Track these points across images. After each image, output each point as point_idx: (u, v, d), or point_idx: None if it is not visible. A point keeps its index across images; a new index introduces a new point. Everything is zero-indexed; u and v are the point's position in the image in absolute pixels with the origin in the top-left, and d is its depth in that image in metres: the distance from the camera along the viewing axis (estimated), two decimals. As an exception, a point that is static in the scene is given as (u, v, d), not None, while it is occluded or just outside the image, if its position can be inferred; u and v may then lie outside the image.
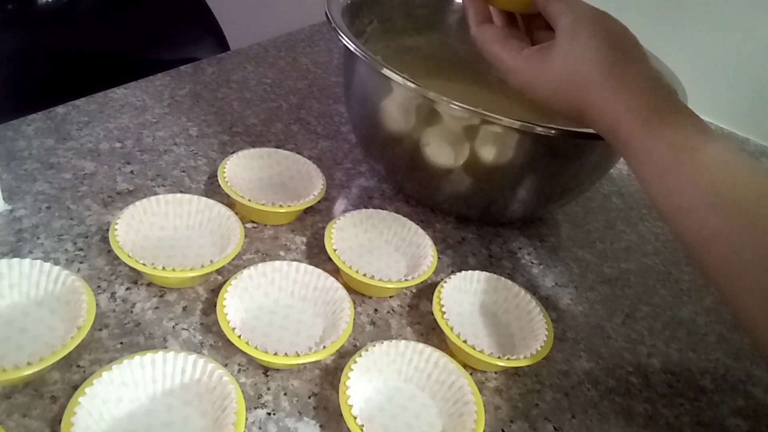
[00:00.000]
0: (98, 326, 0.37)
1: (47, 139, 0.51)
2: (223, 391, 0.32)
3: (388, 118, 0.47)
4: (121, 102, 0.58)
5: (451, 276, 0.43)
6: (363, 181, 0.55)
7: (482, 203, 0.49)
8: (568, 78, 0.37)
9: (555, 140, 0.43)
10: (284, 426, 0.34)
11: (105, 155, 0.50)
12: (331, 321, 0.39)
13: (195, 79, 0.64)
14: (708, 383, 0.44)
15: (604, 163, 0.49)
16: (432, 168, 0.47)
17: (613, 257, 0.54)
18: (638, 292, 0.51)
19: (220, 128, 0.57)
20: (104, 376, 0.31)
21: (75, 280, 0.36)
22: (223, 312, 0.36)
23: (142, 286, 0.40)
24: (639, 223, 0.59)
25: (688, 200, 0.32)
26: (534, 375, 0.41)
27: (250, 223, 0.47)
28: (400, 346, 0.37)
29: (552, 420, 0.38)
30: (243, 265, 0.41)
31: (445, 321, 0.39)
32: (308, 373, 0.37)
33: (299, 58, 0.74)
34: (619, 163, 0.68)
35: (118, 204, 0.46)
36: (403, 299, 0.44)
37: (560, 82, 0.37)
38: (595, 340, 0.45)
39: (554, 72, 0.37)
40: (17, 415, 0.31)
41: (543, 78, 0.38)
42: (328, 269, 0.41)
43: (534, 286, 0.49)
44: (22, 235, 0.41)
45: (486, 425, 0.36)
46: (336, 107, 0.66)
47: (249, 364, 0.37)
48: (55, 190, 0.46)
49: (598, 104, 0.36)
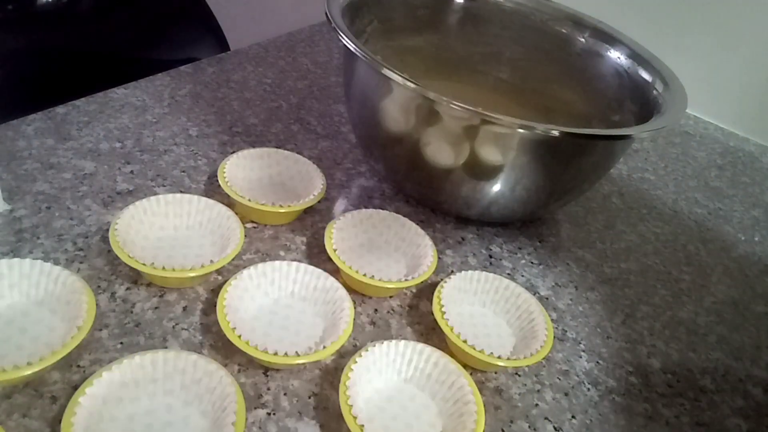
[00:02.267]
0: (98, 326, 0.37)
1: (47, 139, 0.51)
2: (223, 391, 0.32)
3: (388, 118, 0.47)
4: (121, 102, 0.58)
5: (451, 276, 0.43)
6: (363, 181, 0.55)
7: (482, 203, 0.49)
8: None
9: (555, 140, 0.43)
10: (284, 426, 0.34)
11: (105, 155, 0.50)
12: (331, 321, 0.39)
13: (195, 79, 0.64)
14: (708, 383, 0.44)
15: (604, 163, 0.49)
16: (432, 168, 0.47)
17: (613, 257, 0.54)
18: (638, 292, 0.51)
19: (220, 128, 0.57)
20: (104, 376, 0.31)
21: (75, 280, 0.36)
22: (223, 312, 0.36)
23: (142, 286, 0.40)
24: (639, 223, 0.59)
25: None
26: (534, 375, 0.41)
27: (250, 223, 0.47)
28: (400, 346, 0.37)
29: (552, 420, 0.38)
30: (243, 265, 0.41)
31: (445, 321, 0.39)
32: (308, 373, 0.37)
33: (299, 58, 0.74)
34: (619, 163, 0.68)
35: (118, 204, 0.46)
36: (403, 299, 0.44)
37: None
38: (595, 340, 0.45)
39: None
40: (17, 415, 0.31)
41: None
42: (328, 269, 0.41)
43: (534, 286, 0.49)
44: (22, 235, 0.41)
45: (486, 425, 0.36)
46: (336, 107, 0.66)
47: (249, 364, 0.37)
48: (55, 190, 0.46)
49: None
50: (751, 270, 0.56)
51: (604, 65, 0.57)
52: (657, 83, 0.51)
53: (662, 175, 0.68)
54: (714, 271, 0.55)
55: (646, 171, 0.68)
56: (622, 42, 0.56)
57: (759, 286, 0.54)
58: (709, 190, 0.67)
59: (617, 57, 0.56)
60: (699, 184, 0.67)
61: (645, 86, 0.52)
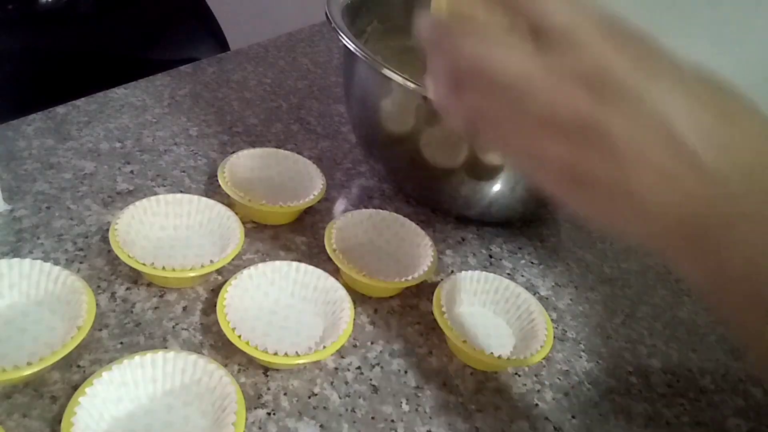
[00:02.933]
0: (98, 326, 0.37)
1: (47, 139, 0.51)
2: (223, 391, 0.32)
3: (388, 118, 0.47)
4: (121, 102, 0.58)
5: (451, 276, 0.43)
6: (363, 181, 0.55)
7: (482, 203, 0.49)
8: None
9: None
10: (284, 426, 0.34)
11: (105, 155, 0.50)
12: (331, 321, 0.39)
13: (195, 79, 0.64)
14: (708, 383, 0.44)
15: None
16: (432, 168, 0.47)
17: (613, 257, 0.54)
18: (638, 292, 0.51)
19: (220, 128, 0.57)
20: (104, 376, 0.31)
21: (75, 280, 0.36)
22: (223, 312, 0.36)
23: (142, 286, 0.40)
24: (639, 223, 0.59)
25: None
26: (534, 375, 0.41)
27: (250, 223, 0.47)
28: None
29: (552, 420, 0.38)
30: (243, 265, 0.41)
31: (445, 321, 0.39)
32: (308, 373, 0.37)
33: (299, 58, 0.74)
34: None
35: (118, 204, 0.46)
36: (403, 299, 0.44)
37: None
38: (595, 340, 0.45)
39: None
40: (17, 415, 0.31)
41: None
42: (328, 269, 0.41)
43: (534, 286, 0.49)
44: (22, 235, 0.41)
45: (487, 426, 0.37)
46: (336, 107, 0.66)
47: (249, 364, 0.37)
48: (55, 190, 0.46)
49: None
50: (751, 270, 0.56)
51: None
52: (657, 83, 0.51)
53: (662, 175, 0.68)
54: (714, 271, 0.55)
55: (646, 171, 0.68)
56: (622, 42, 0.56)
57: (759, 286, 0.54)
58: (709, 190, 0.66)
59: (617, 57, 0.56)
60: (699, 184, 0.67)
61: (645, 86, 0.52)
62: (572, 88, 0.23)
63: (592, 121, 0.23)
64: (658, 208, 0.24)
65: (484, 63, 0.25)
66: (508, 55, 0.24)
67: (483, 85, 0.25)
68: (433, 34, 0.27)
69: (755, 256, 0.23)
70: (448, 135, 0.44)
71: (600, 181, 0.24)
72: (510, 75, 0.24)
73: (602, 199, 0.24)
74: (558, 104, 0.23)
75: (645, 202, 0.24)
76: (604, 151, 0.23)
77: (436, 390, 0.38)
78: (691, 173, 0.23)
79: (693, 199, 0.23)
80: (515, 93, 0.24)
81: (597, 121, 0.23)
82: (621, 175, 0.23)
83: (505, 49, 0.24)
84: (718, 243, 0.23)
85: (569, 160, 0.24)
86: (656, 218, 0.24)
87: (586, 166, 0.24)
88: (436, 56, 0.27)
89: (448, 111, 0.27)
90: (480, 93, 0.25)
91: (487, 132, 0.27)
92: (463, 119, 0.27)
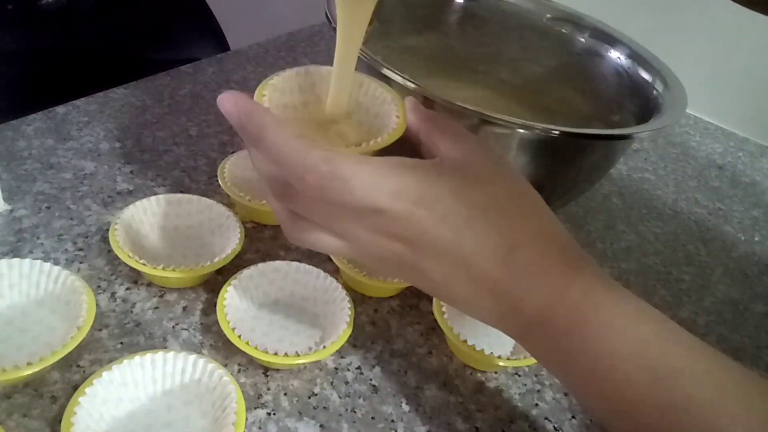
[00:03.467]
0: (98, 326, 0.37)
1: (47, 139, 0.51)
2: (223, 391, 0.32)
3: (388, 118, 0.47)
4: (121, 102, 0.58)
5: (451, 276, 0.43)
6: (363, 181, 0.55)
7: (482, 203, 0.49)
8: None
9: (555, 140, 0.43)
10: (284, 426, 0.34)
11: (105, 155, 0.50)
12: (331, 321, 0.39)
13: (195, 79, 0.64)
14: (708, 383, 0.44)
15: (604, 163, 0.49)
16: (432, 168, 0.47)
17: (613, 257, 0.54)
18: (638, 292, 0.51)
19: (220, 128, 0.57)
20: (104, 376, 0.31)
21: (75, 280, 0.36)
22: (223, 312, 0.36)
23: (142, 286, 0.40)
24: (639, 223, 0.59)
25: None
26: (534, 375, 0.41)
27: (250, 223, 0.47)
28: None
29: (552, 420, 0.38)
30: (243, 265, 0.41)
31: (445, 321, 0.39)
32: (308, 373, 0.37)
33: (299, 58, 0.74)
34: (619, 163, 0.68)
35: (118, 204, 0.46)
36: (403, 299, 0.44)
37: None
38: (595, 340, 0.45)
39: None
40: (17, 415, 0.31)
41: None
42: (328, 269, 0.41)
43: (534, 286, 0.48)
44: (22, 235, 0.41)
45: (487, 426, 0.37)
46: (336, 107, 0.66)
47: (249, 364, 0.37)
48: (55, 190, 0.46)
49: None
50: (751, 270, 0.56)
51: (604, 65, 0.56)
52: (657, 83, 0.51)
53: (662, 175, 0.68)
54: (714, 271, 0.55)
55: (646, 171, 0.68)
56: (622, 42, 0.56)
57: (759, 286, 0.54)
58: (709, 190, 0.67)
59: (617, 57, 0.56)
60: (699, 184, 0.67)
61: (645, 86, 0.52)
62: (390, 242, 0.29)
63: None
64: (477, 313, 0.32)
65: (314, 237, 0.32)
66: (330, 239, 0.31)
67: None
68: (268, 176, 0.31)
69: (548, 352, 0.31)
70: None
71: (427, 287, 0.32)
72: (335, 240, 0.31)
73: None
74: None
75: (463, 308, 0.32)
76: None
77: (436, 390, 0.38)
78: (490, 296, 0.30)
79: (496, 308, 0.30)
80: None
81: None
82: (440, 290, 0.32)
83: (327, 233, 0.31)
84: (531, 338, 0.31)
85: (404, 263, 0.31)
86: (479, 315, 0.32)
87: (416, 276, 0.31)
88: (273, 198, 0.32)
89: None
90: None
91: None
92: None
